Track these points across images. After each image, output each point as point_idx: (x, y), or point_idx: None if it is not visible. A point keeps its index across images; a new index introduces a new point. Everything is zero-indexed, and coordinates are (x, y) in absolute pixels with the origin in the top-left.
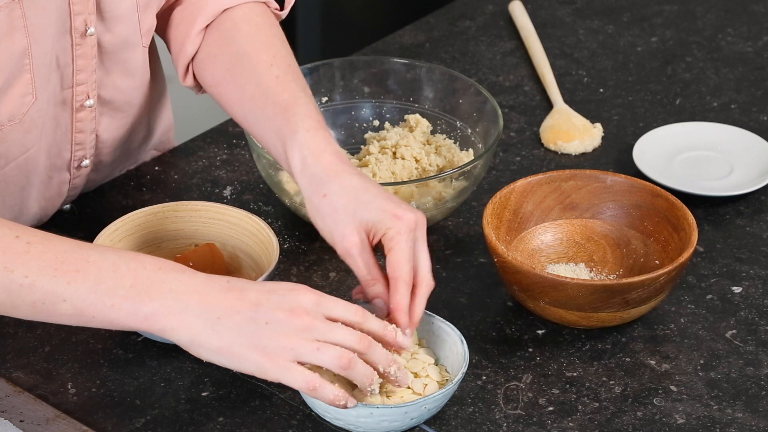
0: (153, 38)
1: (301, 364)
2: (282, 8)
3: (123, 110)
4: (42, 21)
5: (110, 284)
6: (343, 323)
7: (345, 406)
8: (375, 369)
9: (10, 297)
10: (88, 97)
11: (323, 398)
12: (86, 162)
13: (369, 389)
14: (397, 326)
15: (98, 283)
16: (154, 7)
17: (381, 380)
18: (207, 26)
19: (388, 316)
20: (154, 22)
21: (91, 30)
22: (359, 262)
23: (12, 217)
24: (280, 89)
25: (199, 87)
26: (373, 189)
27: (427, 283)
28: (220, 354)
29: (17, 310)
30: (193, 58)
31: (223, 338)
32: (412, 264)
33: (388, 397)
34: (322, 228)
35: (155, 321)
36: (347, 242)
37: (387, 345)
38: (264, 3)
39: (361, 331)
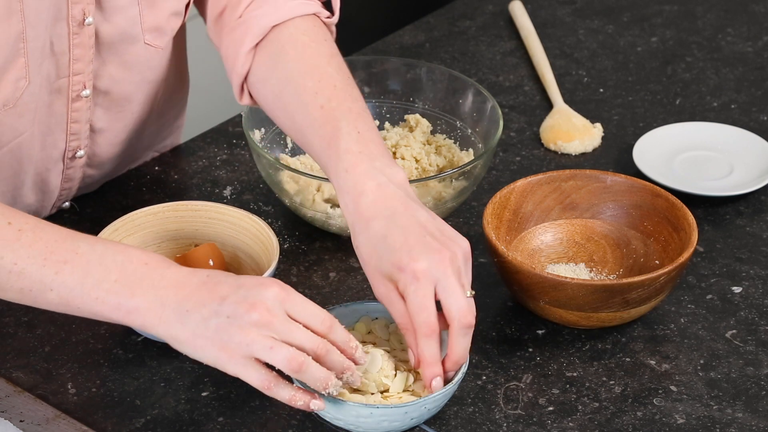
0: (185, 46)
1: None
2: (332, 14)
3: (120, 104)
4: (38, 5)
5: (96, 277)
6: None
7: (307, 407)
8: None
9: None
10: (85, 87)
11: (280, 398)
12: (80, 153)
13: (325, 392)
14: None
15: (85, 276)
16: (166, 10)
17: (340, 383)
18: (257, 45)
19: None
20: (167, 24)
21: (89, 20)
22: (391, 311)
23: (6, 204)
24: (323, 121)
25: (256, 103)
26: (393, 237)
27: (458, 322)
28: (185, 345)
29: (4, 294)
30: (246, 78)
31: (187, 329)
32: (428, 312)
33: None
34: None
35: (137, 316)
36: (376, 293)
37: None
38: (314, 14)
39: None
